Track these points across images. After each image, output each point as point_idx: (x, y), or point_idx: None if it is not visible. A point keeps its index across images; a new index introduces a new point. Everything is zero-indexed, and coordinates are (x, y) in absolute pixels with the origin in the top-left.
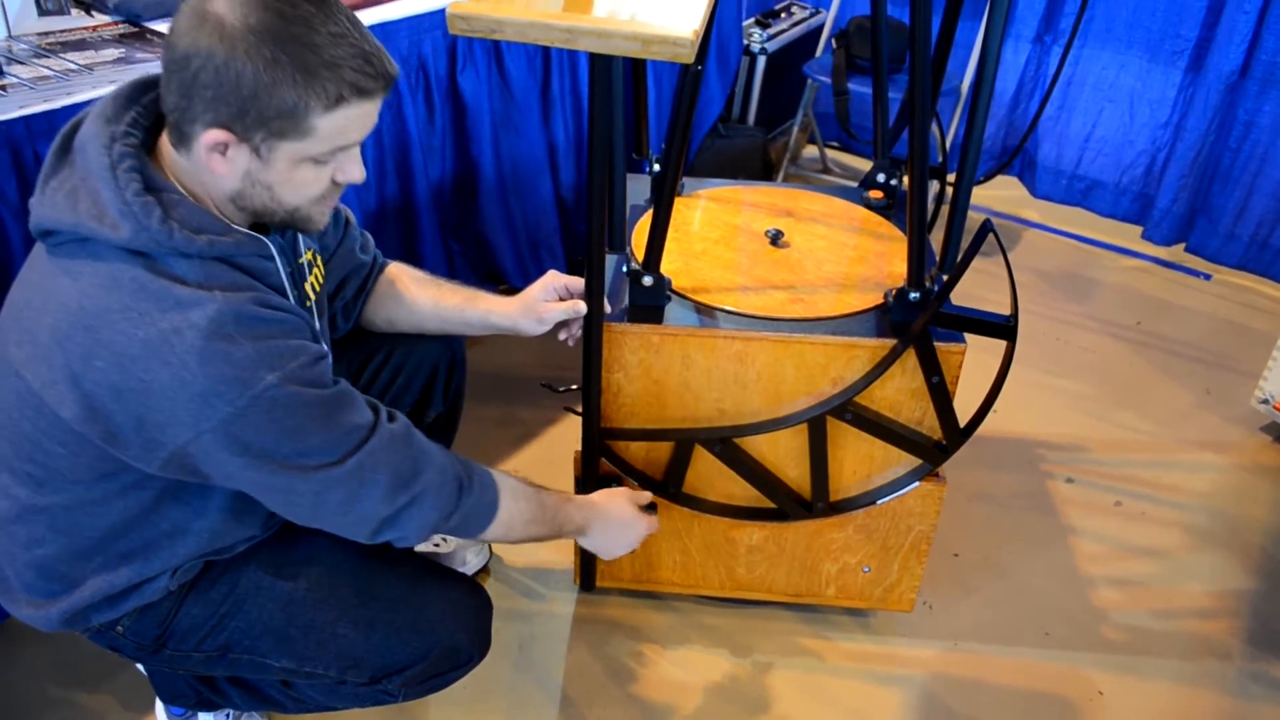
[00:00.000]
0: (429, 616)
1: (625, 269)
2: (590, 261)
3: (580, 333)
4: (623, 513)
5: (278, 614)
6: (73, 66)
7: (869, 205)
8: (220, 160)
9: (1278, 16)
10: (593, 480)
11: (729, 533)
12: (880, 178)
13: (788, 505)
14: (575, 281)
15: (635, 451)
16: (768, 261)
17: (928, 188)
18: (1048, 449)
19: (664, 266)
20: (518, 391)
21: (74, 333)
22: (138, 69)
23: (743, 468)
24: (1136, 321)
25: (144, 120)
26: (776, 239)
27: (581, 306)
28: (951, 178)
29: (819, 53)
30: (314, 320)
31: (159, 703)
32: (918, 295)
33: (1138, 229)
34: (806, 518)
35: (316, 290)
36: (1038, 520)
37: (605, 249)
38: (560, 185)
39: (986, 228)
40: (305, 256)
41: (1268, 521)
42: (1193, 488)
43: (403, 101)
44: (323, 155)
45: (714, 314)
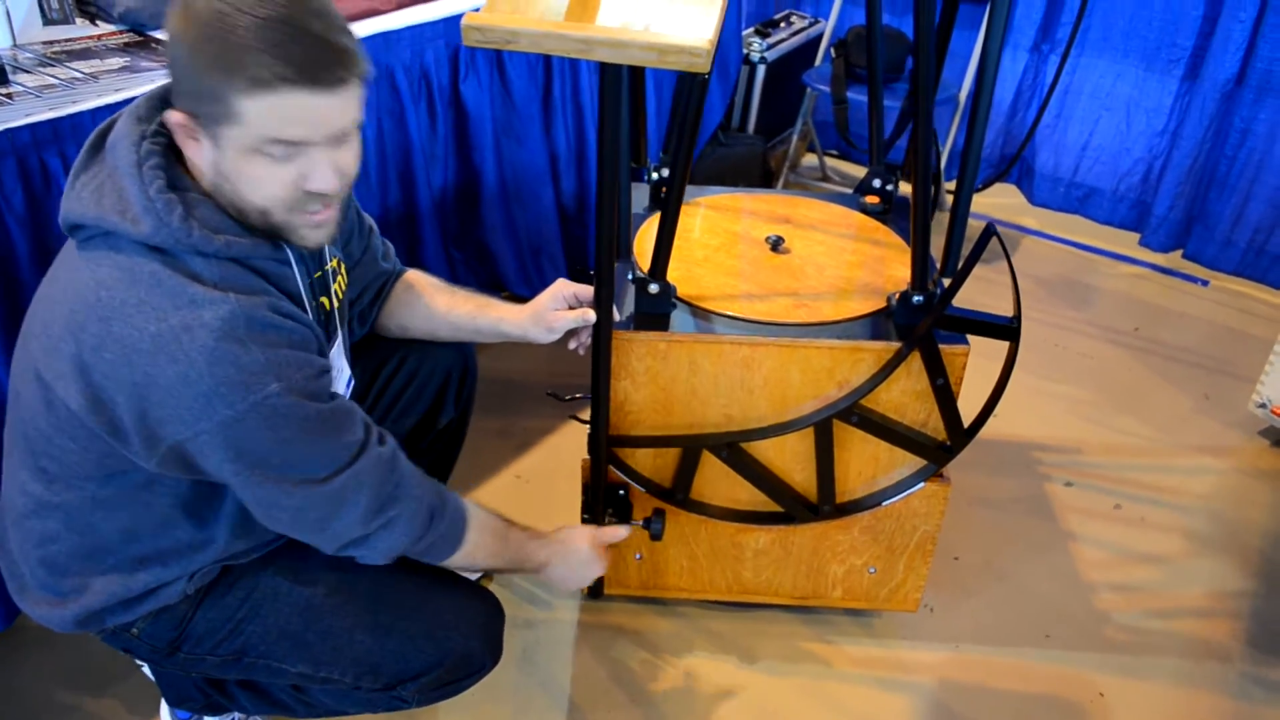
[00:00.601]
0: (444, 624)
1: (631, 277)
2: (599, 270)
3: (590, 340)
4: (580, 554)
5: (295, 619)
6: (78, 75)
7: (865, 211)
8: (192, 146)
9: (1273, 25)
10: (601, 488)
11: (736, 537)
12: (876, 183)
13: (794, 508)
14: (584, 289)
15: (642, 458)
16: (769, 268)
17: (931, 193)
18: (1047, 453)
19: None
20: (521, 400)
21: (88, 323)
22: (143, 77)
23: (750, 472)
24: (1134, 327)
25: None
26: (777, 245)
27: (591, 315)
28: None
29: (818, 62)
30: (337, 328)
31: (164, 706)
32: (921, 299)
33: (1135, 236)
34: (813, 520)
35: (339, 298)
36: (1038, 524)
37: (614, 258)
38: (561, 193)
39: (990, 231)
40: (330, 264)
41: (1266, 524)
42: (1192, 491)
43: (405, 110)
44: (264, 146)
45: (719, 320)
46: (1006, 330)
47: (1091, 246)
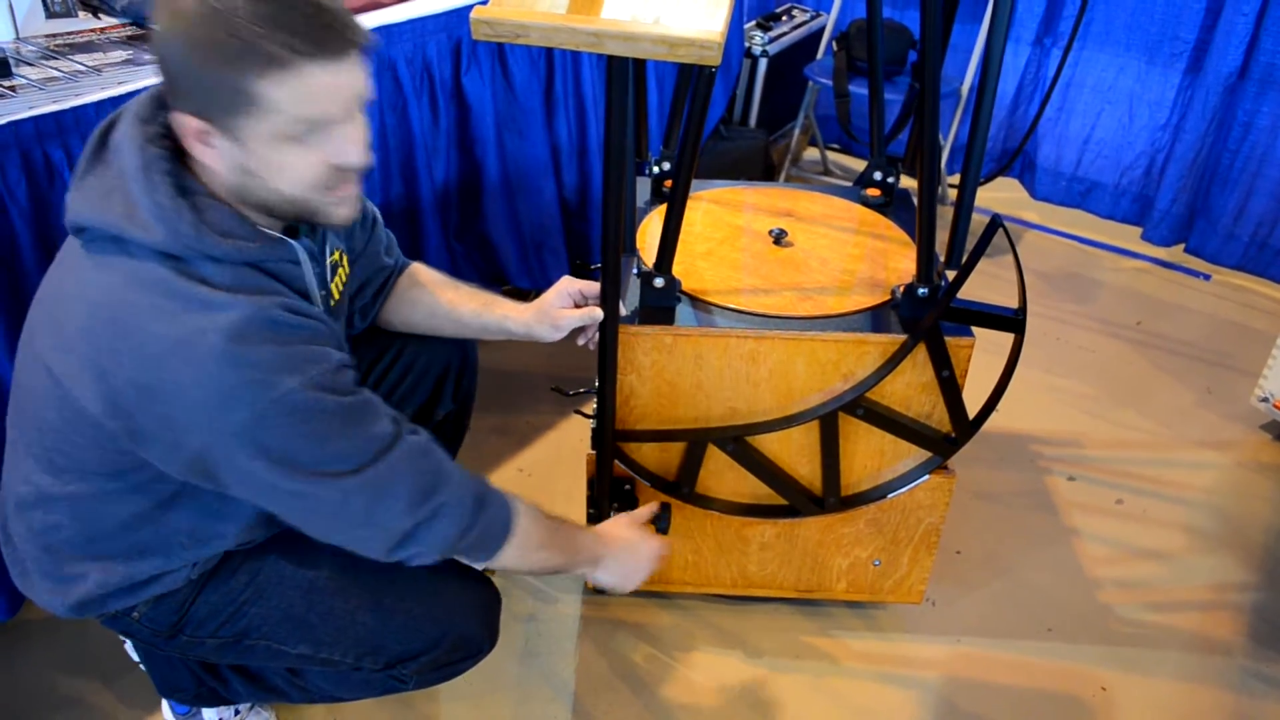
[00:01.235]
0: (444, 605)
1: (636, 271)
2: (606, 265)
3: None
4: (630, 535)
5: (298, 601)
6: (80, 68)
7: (866, 203)
8: (208, 152)
9: (1276, 18)
10: (606, 482)
11: (741, 531)
12: (877, 176)
13: (800, 501)
14: (590, 286)
15: (647, 453)
16: (772, 261)
17: (937, 186)
18: (1049, 447)
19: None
20: (523, 395)
21: (101, 328)
22: (145, 70)
23: (755, 465)
24: (1137, 321)
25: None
26: (780, 239)
27: (597, 313)
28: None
29: (820, 55)
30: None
31: (165, 702)
32: (926, 291)
33: (1137, 230)
34: (818, 513)
35: (340, 290)
36: (1040, 518)
37: (621, 252)
38: (564, 186)
39: (996, 223)
40: (333, 257)
41: (1269, 519)
42: (1194, 486)
43: (407, 103)
44: (296, 132)
45: (724, 314)
46: (1012, 322)
47: (1093, 240)
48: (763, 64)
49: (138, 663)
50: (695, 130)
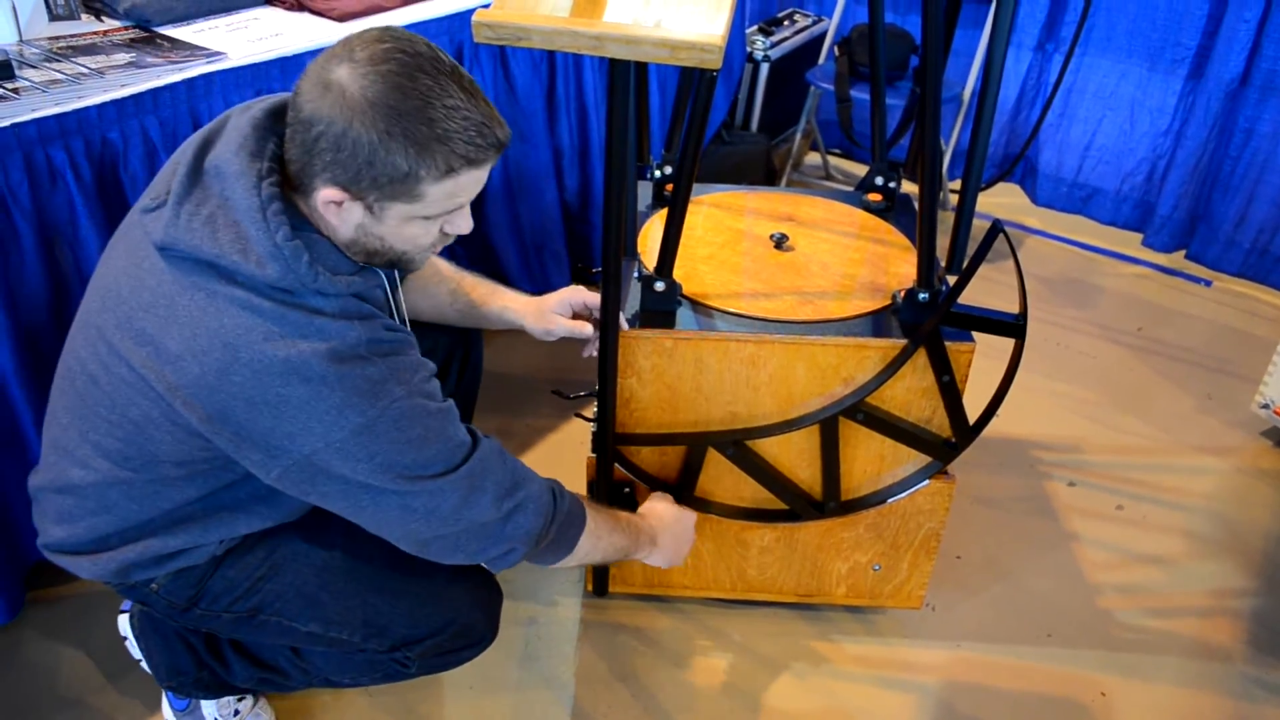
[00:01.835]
0: (450, 594)
1: (637, 274)
2: (607, 268)
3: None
4: (674, 509)
5: (312, 579)
6: (84, 70)
7: (868, 208)
8: (335, 212)
9: (1277, 24)
10: (607, 485)
11: (741, 535)
12: (878, 181)
13: (800, 506)
14: (595, 299)
15: (647, 456)
16: (773, 265)
17: (938, 191)
18: (1049, 453)
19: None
20: (522, 398)
21: (212, 349)
22: (148, 73)
23: (755, 469)
24: (1137, 328)
25: (279, 152)
26: (781, 243)
27: (587, 329)
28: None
29: (822, 60)
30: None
31: (165, 703)
32: (926, 296)
33: (1138, 236)
34: (818, 518)
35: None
36: (1040, 523)
37: (622, 256)
38: (565, 190)
39: (997, 228)
40: None
41: (1269, 525)
42: (1194, 491)
43: None
44: (431, 214)
45: (725, 318)
46: (1012, 328)
47: (1094, 246)
48: (764, 68)
49: (138, 662)
50: (697, 134)
